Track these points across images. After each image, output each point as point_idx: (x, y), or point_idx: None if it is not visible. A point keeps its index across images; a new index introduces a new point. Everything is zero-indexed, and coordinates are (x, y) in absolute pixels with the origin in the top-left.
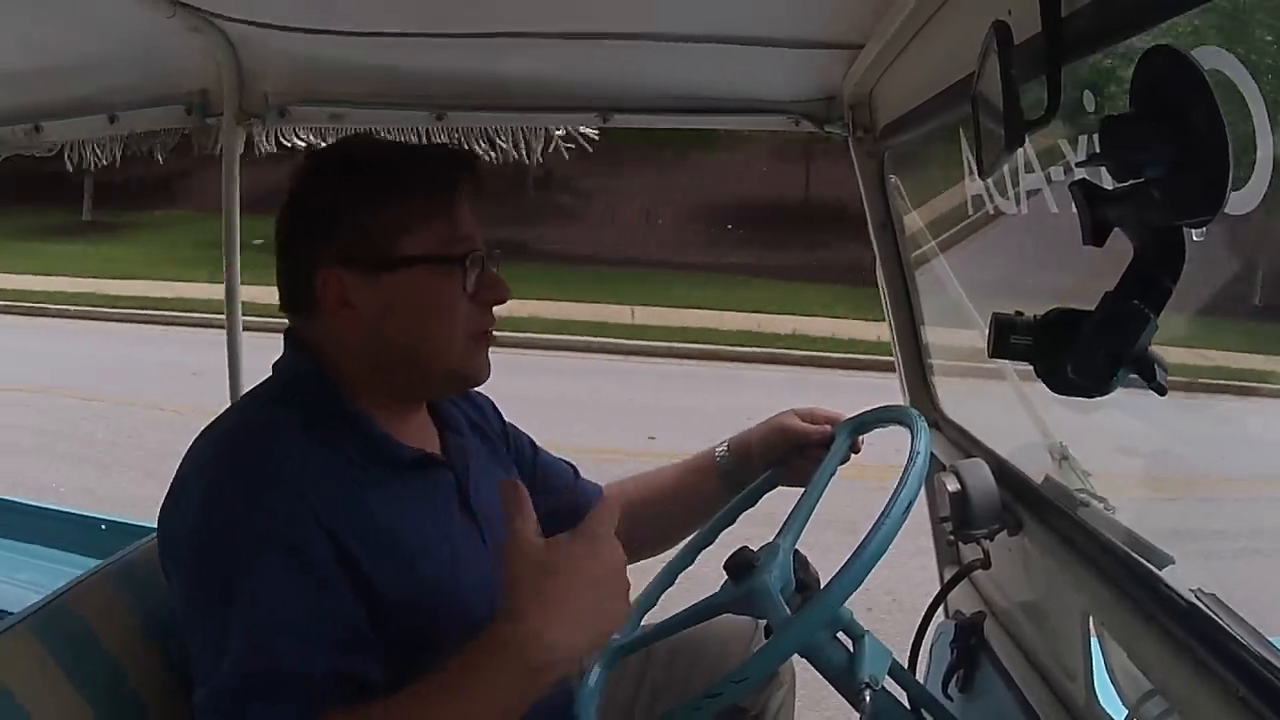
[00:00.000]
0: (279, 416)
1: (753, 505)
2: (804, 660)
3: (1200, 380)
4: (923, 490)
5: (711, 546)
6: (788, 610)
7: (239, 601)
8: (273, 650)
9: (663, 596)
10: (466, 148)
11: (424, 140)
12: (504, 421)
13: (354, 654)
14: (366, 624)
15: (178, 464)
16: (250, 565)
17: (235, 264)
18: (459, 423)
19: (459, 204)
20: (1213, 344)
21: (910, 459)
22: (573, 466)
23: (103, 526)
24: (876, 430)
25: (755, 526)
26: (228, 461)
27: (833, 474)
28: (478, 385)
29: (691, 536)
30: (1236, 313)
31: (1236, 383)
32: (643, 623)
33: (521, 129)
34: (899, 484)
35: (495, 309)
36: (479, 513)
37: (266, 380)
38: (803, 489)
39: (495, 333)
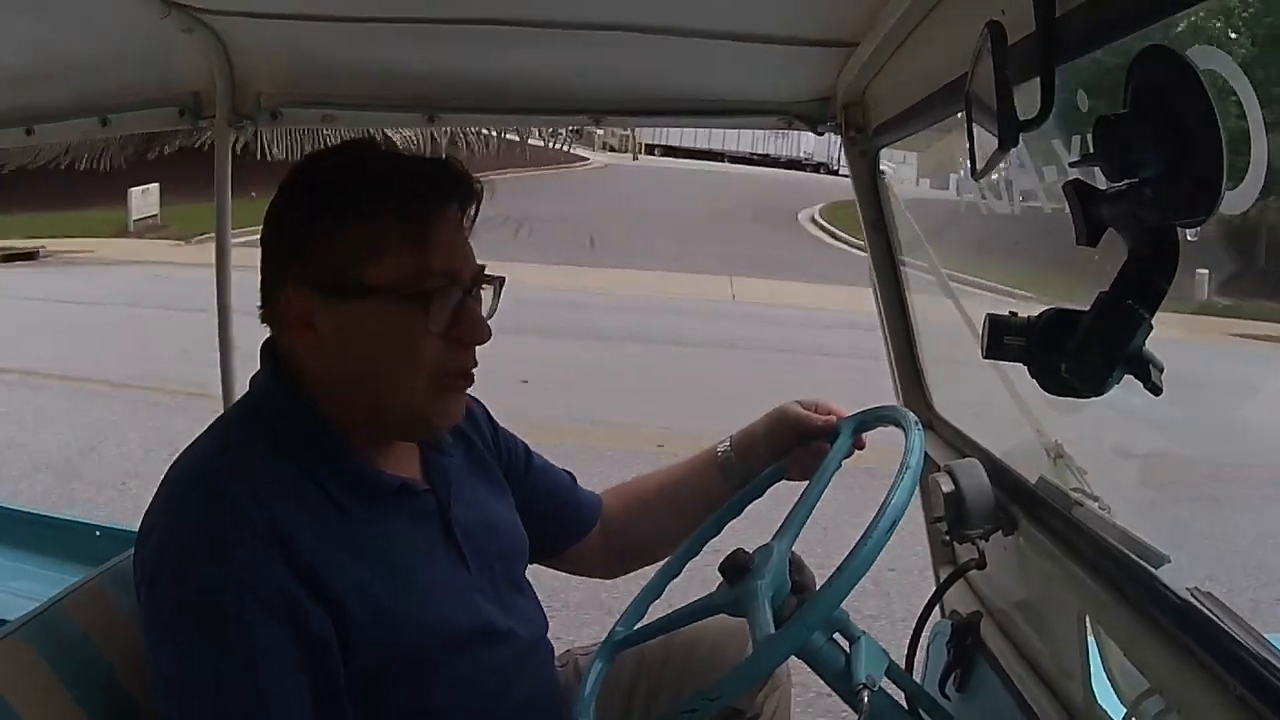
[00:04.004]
0: (247, 454)
1: (759, 497)
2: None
3: None
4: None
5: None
6: (771, 624)
7: (189, 681)
8: None
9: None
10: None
11: (427, 142)
12: (496, 429)
13: None
14: (327, 687)
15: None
16: (205, 644)
17: (227, 264)
18: (442, 439)
19: (440, 233)
20: None
21: (902, 468)
22: (570, 475)
23: (97, 533)
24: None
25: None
26: (186, 516)
27: (835, 471)
28: (441, 430)
29: (699, 528)
30: None
31: None
32: (645, 616)
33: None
34: (890, 493)
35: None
36: (461, 536)
37: (242, 400)
38: (805, 483)
39: None
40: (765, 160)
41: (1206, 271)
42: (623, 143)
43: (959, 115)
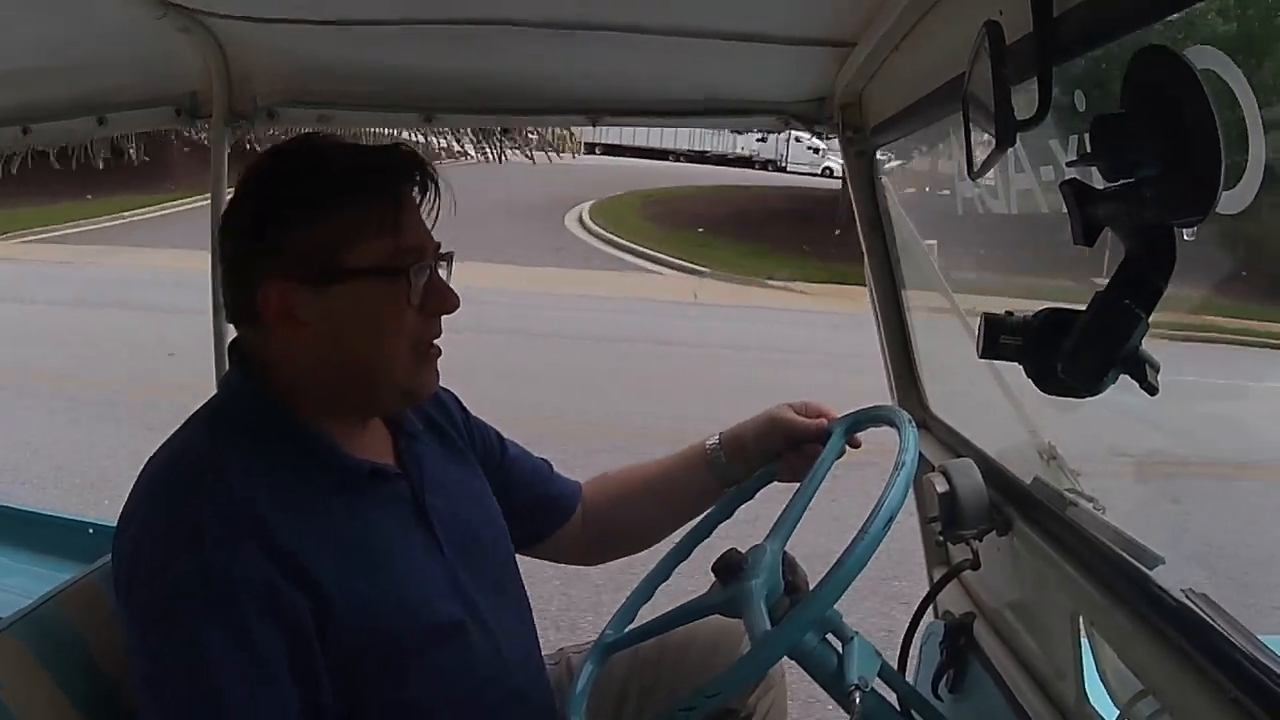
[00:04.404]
0: (222, 446)
1: (749, 499)
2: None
3: None
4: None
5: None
6: (768, 621)
7: (168, 670)
8: None
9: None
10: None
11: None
12: (469, 417)
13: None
14: (310, 680)
15: None
16: (186, 636)
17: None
18: (414, 426)
19: (406, 211)
20: None
21: (896, 467)
22: (547, 463)
23: (90, 530)
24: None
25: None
26: (162, 507)
27: (826, 472)
28: (423, 399)
29: (688, 530)
30: None
31: None
32: (635, 618)
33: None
34: (884, 492)
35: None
36: (435, 520)
37: (212, 398)
38: (796, 484)
39: None
40: (703, 158)
41: (935, 242)
42: (560, 143)
43: (957, 115)
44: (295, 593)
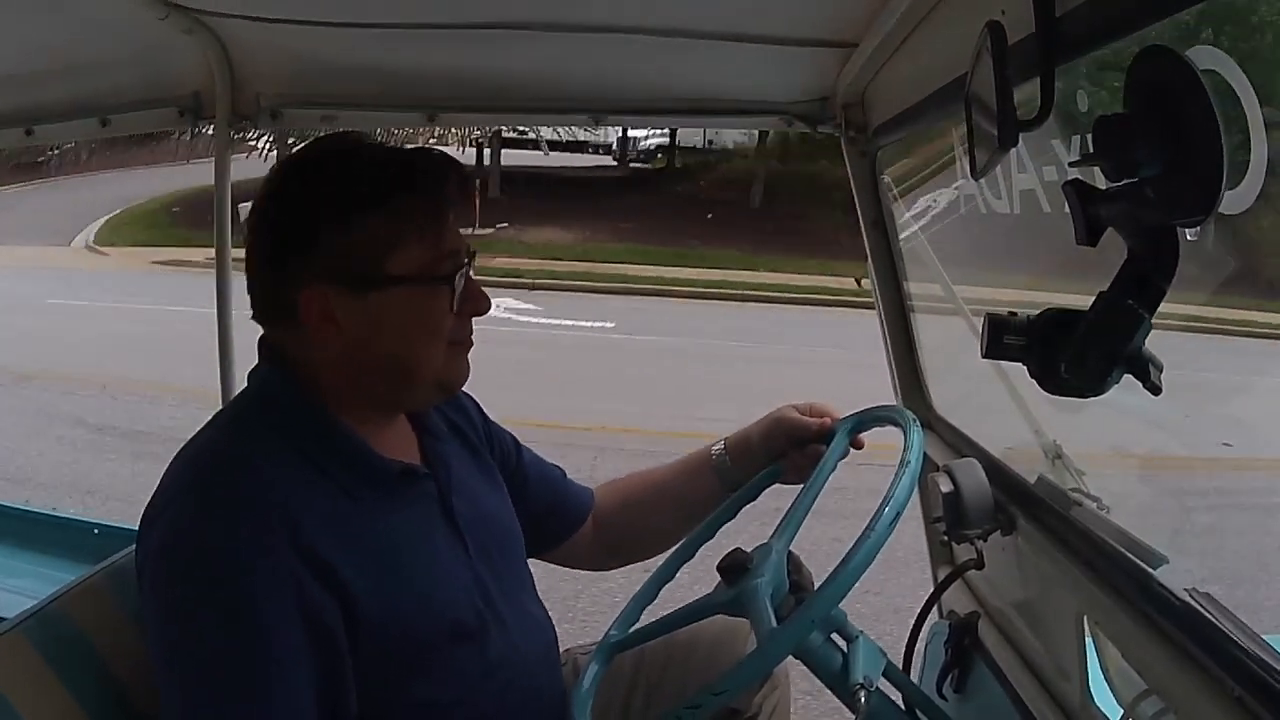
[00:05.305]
0: (253, 441)
1: (753, 500)
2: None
3: None
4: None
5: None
6: (774, 619)
7: (193, 662)
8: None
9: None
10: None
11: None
12: (488, 421)
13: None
14: (331, 675)
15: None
16: (208, 631)
17: (227, 261)
18: (438, 427)
19: (446, 217)
20: None
21: (901, 465)
22: (560, 470)
23: (95, 531)
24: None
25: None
26: (194, 499)
27: (831, 472)
28: (457, 391)
29: (693, 531)
30: None
31: None
32: (640, 618)
33: None
34: (889, 491)
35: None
36: (461, 521)
37: (243, 393)
38: (800, 485)
39: None
40: (579, 146)
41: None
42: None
43: (959, 115)
44: (323, 593)
